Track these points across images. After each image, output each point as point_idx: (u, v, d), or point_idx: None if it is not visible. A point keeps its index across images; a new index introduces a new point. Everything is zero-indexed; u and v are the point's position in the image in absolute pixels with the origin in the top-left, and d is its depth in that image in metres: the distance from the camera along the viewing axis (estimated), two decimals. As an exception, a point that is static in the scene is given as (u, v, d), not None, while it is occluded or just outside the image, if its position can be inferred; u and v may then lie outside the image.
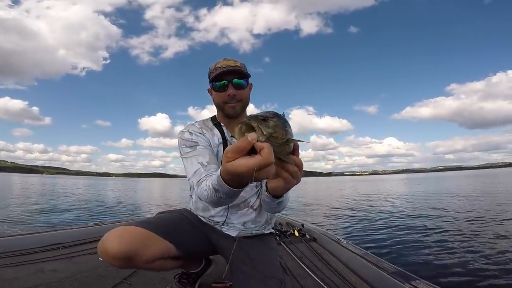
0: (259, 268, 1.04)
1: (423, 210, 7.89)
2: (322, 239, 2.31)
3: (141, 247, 0.91)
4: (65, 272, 1.57)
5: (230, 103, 1.13)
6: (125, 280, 1.46)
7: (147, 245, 0.93)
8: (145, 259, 0.92)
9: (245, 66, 1.18)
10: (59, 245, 2.01)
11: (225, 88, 1.11)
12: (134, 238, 0.91)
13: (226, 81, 1.11)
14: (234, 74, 1.11)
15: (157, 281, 1.48)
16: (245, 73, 1.14)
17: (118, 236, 0.89)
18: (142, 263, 0.93)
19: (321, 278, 1.53)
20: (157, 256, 0.97)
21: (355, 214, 7.65)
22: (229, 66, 1.11)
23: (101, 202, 12.18)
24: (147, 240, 0.94)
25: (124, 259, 0.88)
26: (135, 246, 0.89)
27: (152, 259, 0.95)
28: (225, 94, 1.12)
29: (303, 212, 8.68)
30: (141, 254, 0.91)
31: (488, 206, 8.13)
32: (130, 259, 0.89)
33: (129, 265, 0.91)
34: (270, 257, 1.12)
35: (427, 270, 2.95)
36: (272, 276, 1.01)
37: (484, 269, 2.94)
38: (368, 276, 1.52)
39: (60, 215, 7.62)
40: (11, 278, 1.45)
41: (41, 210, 8.51)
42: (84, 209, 9.41)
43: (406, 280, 1.35)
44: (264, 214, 1.20)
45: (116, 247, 0.86)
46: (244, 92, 1.15)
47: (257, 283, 0.99)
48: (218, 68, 1.11)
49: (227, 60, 1.13)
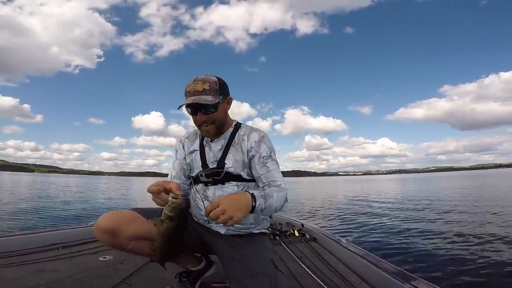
0: (249, 265, 1.04)
1: (421, 211, 7.90)
2: (322, 239, 2.31)
3: (126, 224, 1.07)
4: (65, 272, 1.57)
5: (203, 126, 1.14)
6: (125, 280, 1.46)
7: (132, 223, 1.09)
8: (128, 234, 1.06)
9: (218, 83, 1.12)
10: (60, 245, 2.01)
11: (195, 113, 1.11)
12: (121, 216, 1.10)
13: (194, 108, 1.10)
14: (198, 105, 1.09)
15: (157, 280, 1.49)
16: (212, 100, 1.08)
17: (109, 214, 1.10)
18: (124, 238, 1.06)
19: (321, 278, 1.53)
20: (139, 234, 1.08)
21: (354, 214, 7.65)
22: (196, 91, 1.08)
23: (99, 202, 12.20)
24: (132, 219, 1.10)
25: (109, 233, 1.05)
26: (119, 223, 1.07)
27: (133, 235, 1.07)
28: (196, 119, 1.13)
29: (303, 212, 8.68)
30: (125, 230, 1.06)
31: (484, 207, 8.13)
32: (115, 234, 1.05)
33: (114, 240, 1.06)
34: (261, 254, 1.12)
35: (427, 270, 2.95)
36: (263, 272, 1.01)
37: (483, 268, 2.94)
38: (368, 276, 1.52)
39: (58, 215, 7.63)
40: (11, 278, 1.45)
41: (37, 209, 8.52)
42: (83, 209, 9.43)
43: (406, 280, 1.35)
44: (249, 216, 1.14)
45: (104, 222, 1.06)
46: (216, 114, 1.12)
47: (246, 280, 1.00)
48: (188, 92, 1.10)
49: (195, 83, 1.09)
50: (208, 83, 1.09)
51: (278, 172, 1.16)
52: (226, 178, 1.15)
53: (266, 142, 1.18)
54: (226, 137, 1.20)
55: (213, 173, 1.16)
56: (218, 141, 1.20)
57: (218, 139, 1.20)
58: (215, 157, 1.18)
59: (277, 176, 1.13)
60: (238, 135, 1.20)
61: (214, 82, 1.11)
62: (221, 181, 1.16)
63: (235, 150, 1.17)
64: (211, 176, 1.17)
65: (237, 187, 1.16)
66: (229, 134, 1.20)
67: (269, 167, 1.14)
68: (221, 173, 1.15)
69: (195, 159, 1.23)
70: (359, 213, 7.93)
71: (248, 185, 1.17)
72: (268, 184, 1.12)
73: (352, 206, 9.68)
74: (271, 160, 1.16)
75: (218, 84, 1.11)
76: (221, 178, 1.15)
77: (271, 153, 1.17)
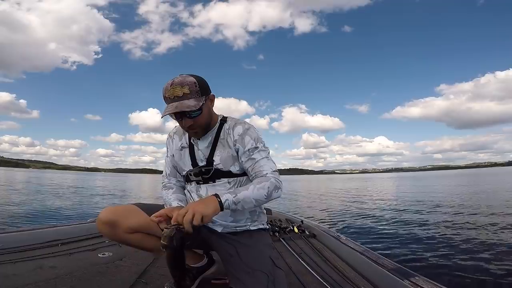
0: (246, 262, 1.05)
1: (419, 208, 7.93)
2: (321, 236, 2.32)
3: (124, 216, 1.11)
4: (64, 268, 1.56)
5: (190, 130, 1.12)
6: (139, 279, 1.46)
7: (130, 216, 1.12)
8: (126, 227, 1.09)
9: (197, 84, 1.04)
10: (58, 242, 2.01)
11: (180, 118, 1.07)
12: (120, 210, 1.14)
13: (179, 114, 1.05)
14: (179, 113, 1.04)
15: (156, 277, 1.48)
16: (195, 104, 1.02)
17: (109, 208, 1.14)
18: (123, 230, 1.10)
19: (321, 274, 1.53)
20: (136, 227, 1.11)
21: (353, 211, 7.68)
22: (176, 96, 1.01)
23: (98, 198, 12.19)
24: (131, 211, 1.14)
25: (108, 224, 1.09)
26: (118, 215, 1.10)
27: (131, 228, 1.10)
28: (182, 123, 1.10)
29: (302, 208, 8.71)
30: (123, 222, 1.09)
31: (482, 205, 8.18)
32: (113, 225, 1.09)
33: (114, 232, 1.10)
34: (258, 251, 1.12)
35: (426, 266, 2.97)
36: (260, 269, 1.02)
37: (482, 264, 2.96)
38: (368, 273, 1.52)
39: (57, 211, 7.62)
40: (10, 275, 1.44)
41: (35, 205, 8.50)
42: (82, 205, 9.42)
43: (406, 276, 1.35)
44: (242, 212, 1.17)
45: (104, 215, 1.10)
46: (201, 116, 1.08)
47: (244, 276, 1.00)
48: (167, 98, 1.03)
49: (173, 88, 1.02)
50: (188, 86, 1.02)
51: (267, 160, 1.11)
52: (216, 175, 1.14)
53: (251, 133, 1.13)
54: (213, 134, 1.17)
55: (201, 172, 1.15)
56: (205, 138, 1.17)
57: (205, 136, 1.17)
58: (203, 155, 1.17)
59: (265, 166, 1.09)
60: (224, 130, 1.17)
61: (193, 83, 1.03)
62: (211, 178, 1.15)
63: (222, 145, 1.15)
64: (199, 175, 1.16)
65: (229, 184, 1.15)
66: (215, 130, 1.17)
67: (255, 158, 1.10)
68: (210, 170, 1.14)
69: (184, 157, 1.22)
70: (358, 210, 7.96)
71: (239, 180, 1.16)
72: (255, 175, 1.09)
73: (351, 203, 9.72)
74: (258, 151, 1.11)
75: (197, 85, 1.04)
76: (210, 175, 1.14)
77: (257, 143, 1.12)
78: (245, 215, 1.18)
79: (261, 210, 1.27)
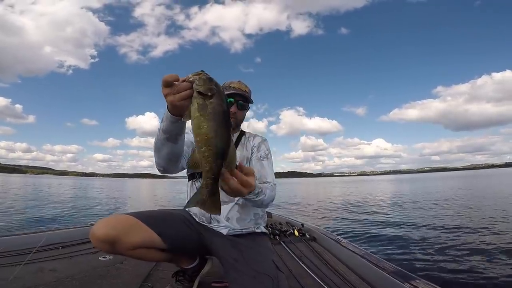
0: (251, 265, 1.06)
1: (420, 210, 7.92)
2: (322, 239, 2.32)
3: (124, 233, 0.99)
4: (65, 272, 1.56)
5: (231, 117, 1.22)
6: (145, 282, 1.46)
7: (131, 232, 1.01)
8: (128, 245, 1.00)
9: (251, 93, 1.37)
10: (59, 245, 2.01)
11: (231, 105, 1.27)
12: (119, 224, 1.01)
13: (233, 100, 1.28)
14: (242, 97, 1.30)
15: (156, 280, 1.49)
16: (250, 99, 1.34)
17: (105, 221, 1.01)
18: (125, 249, 1.00)
19: (321, 277, 1.54)
20: (139, 244, 1.03)
21: (353, 214, 7.67)
22: (241, 89, 1.31)
23: (97, 202, 12.16)
24: (131, 227, 1.02)
25: (107, 243, 0.97)
26: (118, 232, 0.98)
27: (134, 245, 1.02)
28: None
29: (302, 212, 8.69)
30: (124, 240, 0.98)
31: (482, 206, 8.18)
32: (113, 243, 0.97)
33: (113, 249, 0.99)
34: (262, 254, 1.14)
35: (426, 269, 2.96)
36: (265, 272, 1.03)
37: (482, 267, 2.96)
38: (368, 276, 1.53)
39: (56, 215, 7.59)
40: (11, 278, 1.44)
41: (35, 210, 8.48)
42: (81, 209, 9.39)
43: (406, 279, 1.36)
44: (248, 212, 1.24)
45: (101, 231, 0.96)
46: (242, 113, 1.34)
47: (249, 280, 1.01)
48: (232, 87, 1.30)
49: (240, 83, 1.33)
50: (248, 88, 1.34)
51: (272, 173, 1.27)
52: None
53: (266, 145, 1.36)
54: (235, 137, 1.35)
55: None
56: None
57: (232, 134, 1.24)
58: None
59: (270, 175, 1.23)
60: (245, 137, 1.38)
61: (249, 89, 1.36)
62: None
63: (241, 147, 1.33)
64: None
65: None
66: (237, 134, 1.37)
67: (264, 165, 1.26)
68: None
69: None
70: (358, 213, 7.95)
71: None
72: (260, 180, 1.17)
73: (351, 206, 9.70)
74: (267, 160, 1.29)
75: (251, 93, 1.36)
76: None
77: (268, 154, 1.31)
78: (249, 216, 1.24)
79: (264, 213, 1.32)
